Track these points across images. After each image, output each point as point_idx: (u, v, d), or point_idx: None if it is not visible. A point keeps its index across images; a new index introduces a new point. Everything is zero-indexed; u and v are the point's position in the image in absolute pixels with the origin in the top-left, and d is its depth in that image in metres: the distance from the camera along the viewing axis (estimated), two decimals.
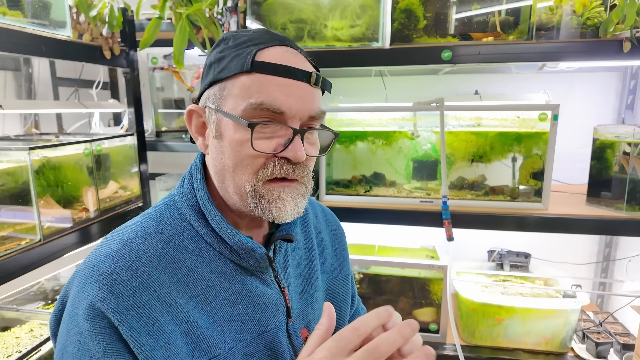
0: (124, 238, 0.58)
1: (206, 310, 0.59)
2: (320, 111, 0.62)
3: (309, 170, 0.64)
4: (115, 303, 0.51)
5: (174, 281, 0.57)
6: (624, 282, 1.66)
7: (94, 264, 0.55)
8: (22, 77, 1.80)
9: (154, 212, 0.64)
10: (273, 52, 0.59)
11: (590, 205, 1.45)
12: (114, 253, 0.56)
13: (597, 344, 1.46)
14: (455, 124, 1.45)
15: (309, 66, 0.62)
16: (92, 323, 0.51)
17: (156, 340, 0.52)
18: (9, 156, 1.18)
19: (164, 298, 0.55)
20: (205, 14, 1.46)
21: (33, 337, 1.24)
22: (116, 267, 0.54)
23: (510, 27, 1.35)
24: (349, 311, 0.86)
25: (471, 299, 1.50)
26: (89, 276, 0.54)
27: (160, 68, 1.90)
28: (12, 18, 1.18)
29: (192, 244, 0.61)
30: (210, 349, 0.57)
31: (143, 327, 0.52)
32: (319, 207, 0.87)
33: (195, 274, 0.59)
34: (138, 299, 0.53)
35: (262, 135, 0.58)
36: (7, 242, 1.14)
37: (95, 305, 0.51)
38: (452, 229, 1.38)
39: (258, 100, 0.57)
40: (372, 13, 1.41)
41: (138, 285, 0.54)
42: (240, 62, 0.58)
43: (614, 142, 1.39)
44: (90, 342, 0.51)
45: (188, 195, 0.64)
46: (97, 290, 0.52)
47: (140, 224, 0.61)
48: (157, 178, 1.85)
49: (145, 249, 0.57)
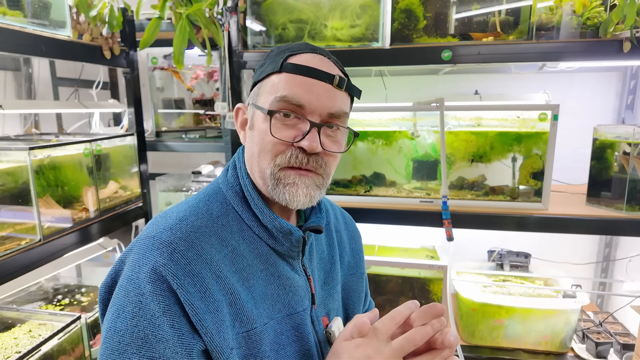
0: (179, 215, 0.65)
1: (246, 286, 0.64)
2: (341, 111, 0.67)
3: (327, 164, 0.68)
4: (174, 269, 0.57)
5: (222, 256, 0.63)
6: (624, 282, 1.66)
7: (153, 234, 0.61)
8: (22, 77, 1.80)
9: (202, 196, 0.71)
10: (302, 57, 0.67)
11: (590, 205, 1.45)
12: (172, 226, 0.62)
13: (597, 344, 1.46)
14: (455, 124, 1.45)
15: (335, 70, 0.69)
16: (154, 285, 0.56)
17: (207, 306, 0.58)
18: (9, 156, 1.18)
19: (214, 270, 0.61)
20: (205, 14, 1.47)
21: (32, 337, 1.23)
22: (174, 238, 0.60)
23: (510, 27, 1.35)
24: (362, 308, 0.90)
25: (471, 299, 1.50)
26: (150, 244, 0.60)
27: (160, 68, 1.90)
28: (12, 18, 1.18)
29: (236, 226, 0.68)
30: (249, 321, 0.62)
31: (197, 293, 0.57)
32: (338, 209, 0.93)
33: (239, 252, 0.65)
34: (193, 268, 0.59)
35: (284, 126, 0.65)
36: (7, 242, 1.14)
37: (157, 270, 0.57)
38: (452, 229, 1.37)
39: (282, 94, 0.64)
40: (372, 13, 1.41)
41: (193, 255, 0.60)
42: (273, 65, 0.67)
43: (614, 142, 1.39)
44: (151, 302, 0.55)
45: (232, 183, 0.71)
46: (159, 256, 0.58)
47: (192, 205, 0.68)
48: (157, 178, 1.85)
49: (199, 226, 0.64)
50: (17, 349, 1.16)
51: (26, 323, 1.31)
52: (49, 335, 1.20)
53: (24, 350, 1.14)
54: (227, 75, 1.54)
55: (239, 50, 1.50)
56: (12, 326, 1.30)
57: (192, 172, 1.85)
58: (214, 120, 1.98)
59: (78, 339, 1.31)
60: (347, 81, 0.68)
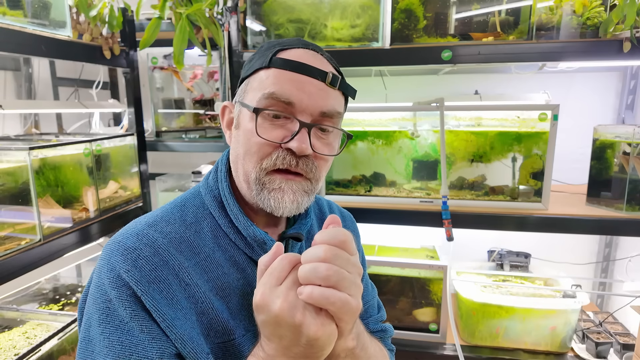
0: (149, 220, 0.63)
1: (221, 295, 0.61)
2: (334, 111, 0.63)
3: (318, 168, 0.64)
4: (138, 275, 0.55)
5: (192, 264, 0.60)
6: (624, 282, 1.66)
7: (119, 240, 0.59)
8: (22, 77, 1.80)
9: (179, 200, 0.68)
10: (293, 52, 0.63)
11: (590, 205, 1.45)
12: (139, 232, 0.60)
13: (597, 344, 1.46)
14: (455, 124, 1.45)
15: (328, 67, 0.64)
16: (118, 291, 0.54)
17: (175, 312, 0.56)
18: (9, 156, 1.18)
19: (182, 277, 0.58)
20: (205, 14, 1.47)
21: (31, 337, 1.23)
22: (140, 244, 0.58)
23: (510, 27, 1.35)
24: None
25: (471, 299, 1.50)
26: (114, 249, 0.57)
27: (160, 68, 1.90)
28: (12, 18, 1.18)
29: (211, 232, 0.64)
30: (225, 332, 0.59)
31: (164, 300, 0.55)
32: (337, 209, 0.89)
33: (212, 260, 0.62)
34: (159, 274, 0.56)
35: (271, 126, 0.61)
36: (7, 242, 1.14)
37: (121, 276, 0.55)
38: (452, 229, 1.37)
39: (270, 91, 0.60)
40: (372, 13, 1.41)
41: (159, 261, 0.57)
42: (262, 60, 0.63)
43: (614, 142, 1.39)
44: (118, 308, 0.54)
45: (212, 187, 0.68)
46: (122, 262, 0.56)
47: (166, 210, 0.66)
48: (157, 178, 1.85)
49: (168, 232, 0.61)
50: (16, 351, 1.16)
51: (26, 323, 1.31)
52: (49, 336, 1.20)
53: (23, 350, 1.13)
54: (227, 75, 1.54)
55: (239, 50, 1.50)
56: (12, 326, 1.30)
57: (192, 172, 1.85)
58: (214, 120, 1.98)
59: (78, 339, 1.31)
60: (341, 79, 0.64)
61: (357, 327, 0.60)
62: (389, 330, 0.85)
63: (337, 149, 0.67)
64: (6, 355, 1.14)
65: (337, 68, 0.67)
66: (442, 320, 1.57)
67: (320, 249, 0.50)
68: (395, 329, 0.90)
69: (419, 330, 1.59)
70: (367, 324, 0.83)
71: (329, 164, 0.68)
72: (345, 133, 0.67)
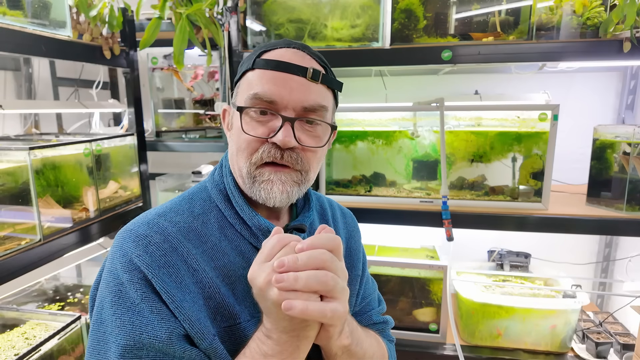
0: (159, 211, 0.67)
1: (227, 282, 0.64)
2: (317, 104, 0.66)
3: (305, 159, 0.67)
4: (149, 260, 0.58)
5: (200, 252, 0.64)
6: (624, 282, 1.66)
7: (131, 229, 0.63)
8: (22, 77, 1.80)
9: (187, 194, 0.72)
10: (275, 52, 0.67)
11: (590, 205, 1.45)
12: (149, 221, 0.64)
13: (597, 344, 1.46)
14: (455, 124, 1.45)
15: (310, 63, 0.67)
16: (130, 274, 0.58)
17: (184, 295, 0.59)
18: (9, 156, 1.18)
19: (190, 263, 0.62)
20: (205, 14, 1.47)
21: (31, 337, 1.23)
22: (151, 232, 0.62)
23: (510, 27, 1.35)
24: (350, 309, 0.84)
25: (471, 299, 1.50)
26: (126, 237, 0.61)
27: (160, 68, 1.90)
28: (12, 18, 1.18)
29: (217, 223, 0.68)
30: (231, 316, 0.62)
31: (173, 283, 0.59)
32: (337, 207, 0.91)
33: (219, 249, 0.66)
34: (168, 260, 0.60)
35: (257, 123, 0.65)
36: (7, 242, 1.14)
37: (132, 260, 0.58)
38: (452, 229, 1.37)
39: (254, 91, 0.64)
40: (372, 13, 1.41)
41: (168, 248, 0.61)
42: (248, 63, 0.68)
43: (614, 142, 1.39)
44: (129, 290, 0.57)
45: (218, 181, 0.72)
46: (134, 248, 0.59)
47: (174, 202, 0.70)
48: (157, 178, 1.85)
49: (177, 221, 0.65)
50: (15, 351, 1.16)
51: (26, 323, 1.31)
52: (49, 336, 1.20)
53: (23, 351, 1.13)
54: (227, 75, 1.54)
55: (239, 50, 1.50)
56: (12, 326, 1.30)
57: (192, 172, 1.85)
58: (214, 120, 1.98)
59: (78, 339, 1.31)
60: (324, 74, 0.66)
61: (350, 324, 0.64)
62: (389, 321, 0.89)
63: (325, 141, 0.69)
64: (6, 355, 1.14)
65: (324, 64, 0.70)
66: (442, 320, 1.57)
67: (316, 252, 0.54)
68: (395, 329, 0.91)
69: (419, 331, 1.59)
70: (370, 316, 0.86)
71: (319, 156, 0.70)
72: (330, 125, 0.70)
